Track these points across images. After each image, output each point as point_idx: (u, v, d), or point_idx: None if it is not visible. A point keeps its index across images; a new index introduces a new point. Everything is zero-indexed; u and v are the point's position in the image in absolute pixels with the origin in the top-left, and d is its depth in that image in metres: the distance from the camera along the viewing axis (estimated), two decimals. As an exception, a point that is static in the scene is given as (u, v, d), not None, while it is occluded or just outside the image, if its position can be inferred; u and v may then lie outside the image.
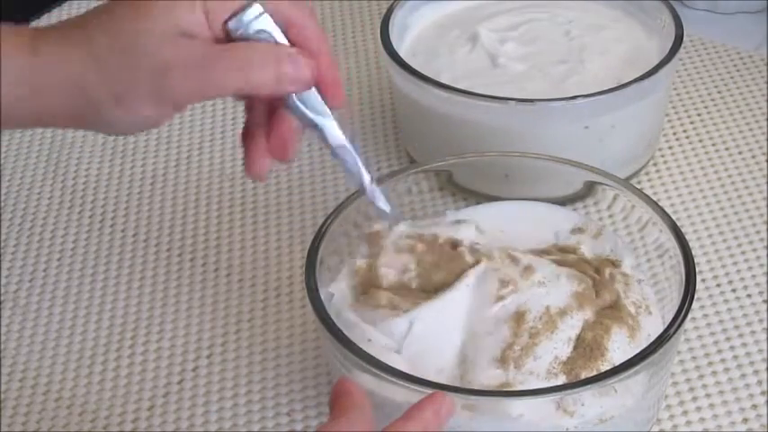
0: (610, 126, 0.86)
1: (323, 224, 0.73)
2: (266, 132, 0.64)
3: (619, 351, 0.67)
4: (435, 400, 0.56)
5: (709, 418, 0.73)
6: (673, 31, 0.88)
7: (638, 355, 0.65)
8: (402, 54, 0.89)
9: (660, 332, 0.66)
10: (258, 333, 0.80)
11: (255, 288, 0.83)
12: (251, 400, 0.75)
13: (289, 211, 0.90)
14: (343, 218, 0.73)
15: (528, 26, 0.94)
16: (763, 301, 0.81)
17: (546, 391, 0.64)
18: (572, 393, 0.64)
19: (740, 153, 0.94)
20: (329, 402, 0.56)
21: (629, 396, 0.66)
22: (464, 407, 0.63)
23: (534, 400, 0.64)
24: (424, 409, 0.56)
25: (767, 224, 0.87)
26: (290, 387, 0.76)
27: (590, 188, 0.78)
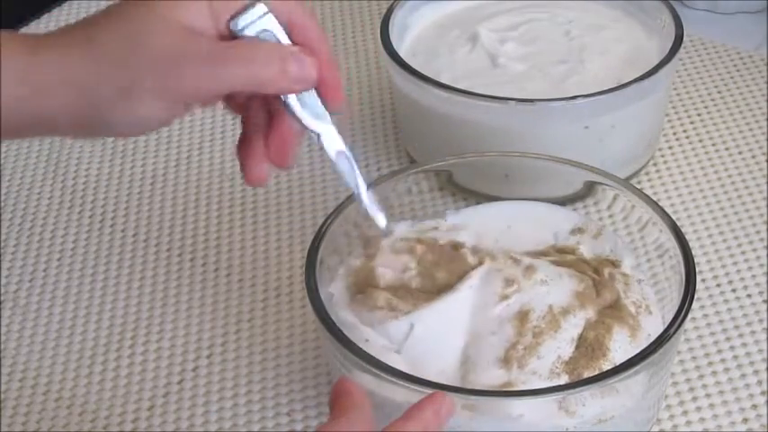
0: (610, 126, 0.86)
1: (323, 224, 0.73)
2: (265, 136, 0.63)
3: (620, 351, 0.67)
4: (435, 400, 0.56)
5: (709, 418, 0.73)
6: (673, 31, 0.88)
7: (638, 354, 0.65)
8: (402, 54, 0.89)
9: (660, 332, 0.67)
10: (258, 333, 0.80)
11: (255, 288, 0.83)
12: (251, 400, 0.75)
13: (289, 211, 0.90)
14: (343, 218, 0.73)
15: (528, 26, 0.94)
16: (763, 301, 0.81)
17: (546, 392, 0.64)
18: (572, 393, 0.64)
19: (740, 153, 0.94)
20: (329, 402, 0.56)
21: (628, 396, 0.66)
22: (464, 407, 0.63)
23: (535, 401, 0.64)
24: (423, 409, 0.56)
25: (767, 224, 0.87)
26: (290, 387, 0.76)
27: (590, 188, 0.78)
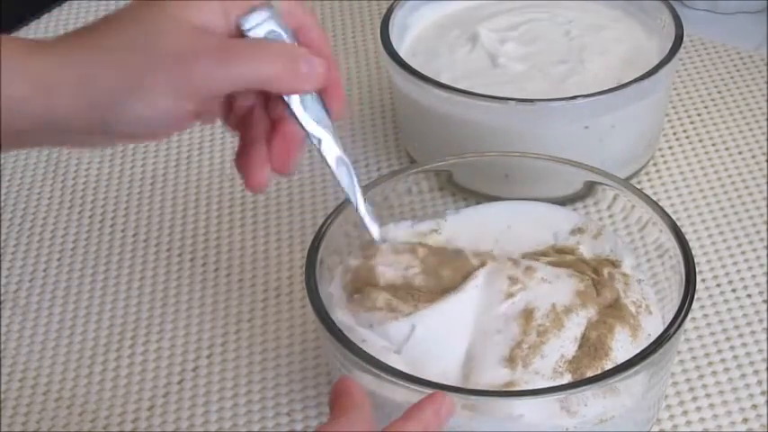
0: (610, 126, 0.86)
1: (323, 224, 0.73)
2: (267, 141, 0.62)
3: (622, 350, 0.67)
4: (435, 400, 0.56)
5: (709, 418, 0.73)
6: (673, 31, 0.88)
7: (638, 354, 0.65)
8: (402, 54, 0.89)
9: (660, 332, 0.67)
10: (258, 333, 0.80)
11: (255, 288, 0.83)
12: (251, 400, 0.75)
13: (289, 212, 0.90)
14: (343, 218, 0.73)
15: (528, 26, 0.94)
16: (763, 301, 0.81)
17: (546, 392, 0.64)
18: (573, 393, 0.64)
19: (740, 153, 0.94)
20: (329, 402, 0.56)
21: (629, 396, 0.66)
22: (464, 407, 0.63)
23: (535, 401, 0.64)
24: (423, 408, 0.56)
25: (767, 224, 0.87)
26: (290, 387, 0.76)
27: (590, 188, 0.78)
